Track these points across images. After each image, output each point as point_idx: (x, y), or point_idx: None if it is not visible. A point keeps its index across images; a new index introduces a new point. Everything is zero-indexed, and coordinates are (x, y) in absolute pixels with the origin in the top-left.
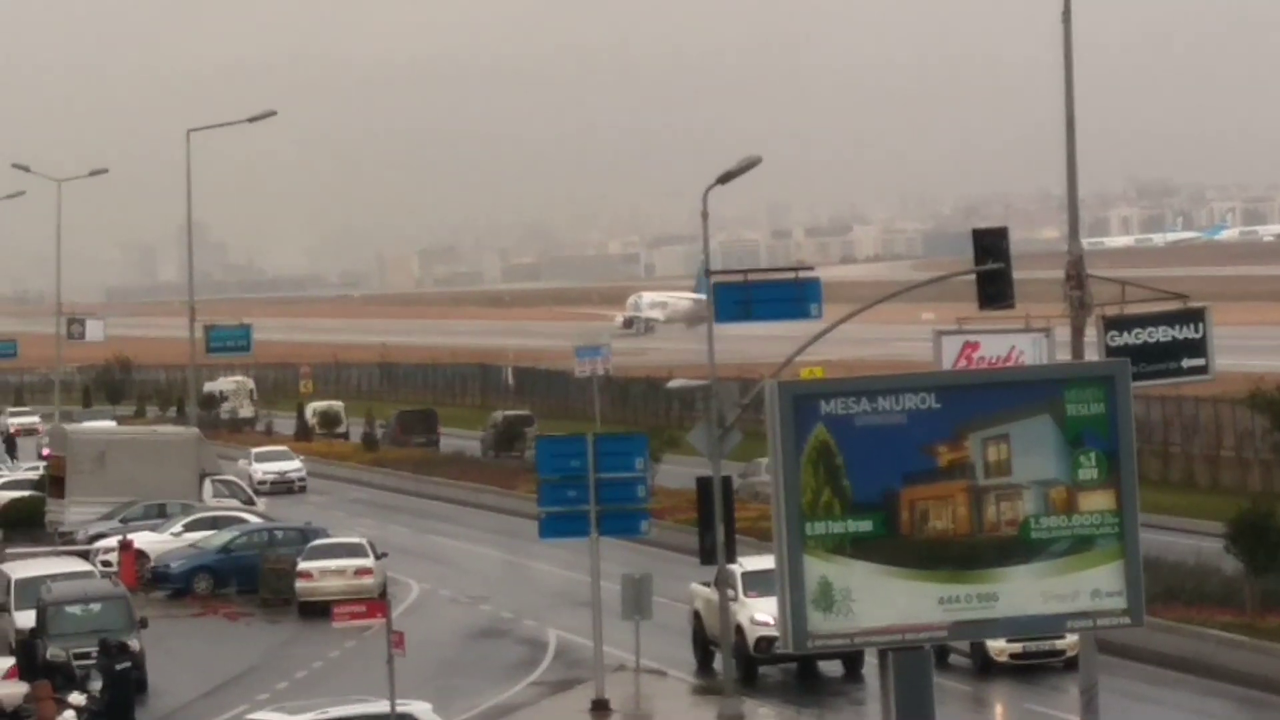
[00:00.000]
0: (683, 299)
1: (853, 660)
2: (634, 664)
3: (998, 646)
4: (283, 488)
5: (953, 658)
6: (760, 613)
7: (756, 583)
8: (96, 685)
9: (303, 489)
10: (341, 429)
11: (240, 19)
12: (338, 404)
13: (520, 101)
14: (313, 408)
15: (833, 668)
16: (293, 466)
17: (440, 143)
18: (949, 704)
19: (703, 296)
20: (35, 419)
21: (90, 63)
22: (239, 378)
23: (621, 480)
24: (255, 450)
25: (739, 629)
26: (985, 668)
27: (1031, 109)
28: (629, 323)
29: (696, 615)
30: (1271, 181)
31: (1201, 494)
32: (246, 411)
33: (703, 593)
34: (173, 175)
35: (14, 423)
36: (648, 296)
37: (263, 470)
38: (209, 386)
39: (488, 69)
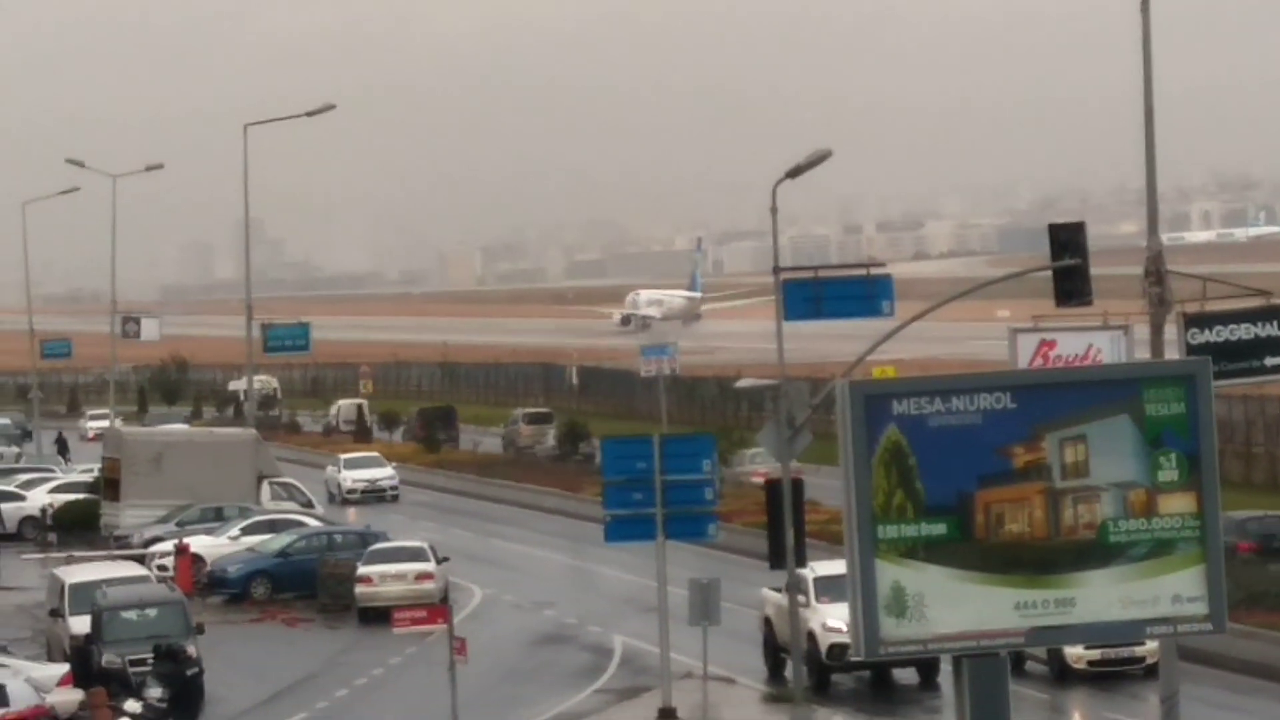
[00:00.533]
0: (677, 297)
1: (928, 668)
2: (701, 671)
3: (1075, 653)
4: (373, 496)
5: (1029, 665)
6: (833, 619)
7: (829, 588)
8: (155, 693)
9: (395, 498)
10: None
11: (298, 12)
12: (359, 402)
13: (582, 96)
14: (338, 405)
15: (908, 676)
16: (384, 474)
17: (502, 137)
18: (1025, 712)
19: (697, 294)
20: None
21: (145, 56)
22: (264, 377)
23: (688, 482)
24: (344, 456)
25: (811, 635)
26: (1063, 675)
27: (1109, 100)
28: (626, 320)
29: (767, 621)
30: None
31: None
32: (272, 409)
33: (774, 598)
34: (230, 171)
35: (93, 426)
36: (645, 294)
37: (352, 478)
38: (233, 385)
39: (550, 63)
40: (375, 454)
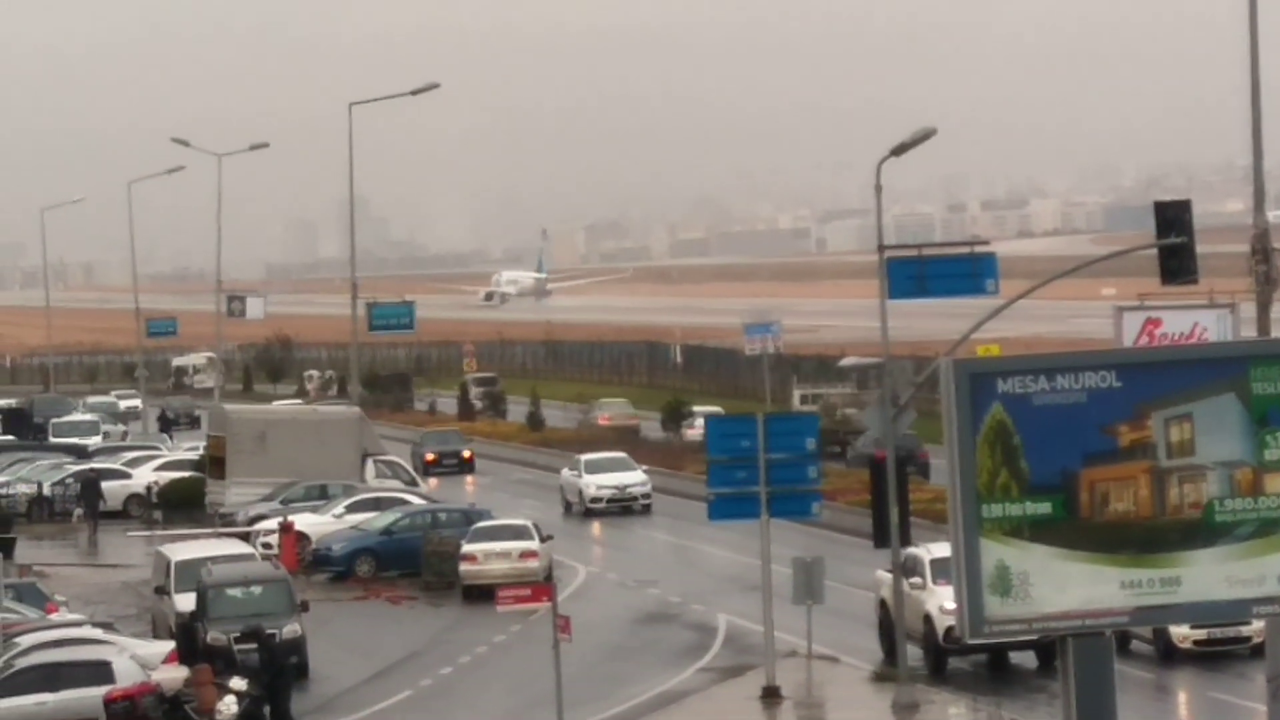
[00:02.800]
0: (529, 277)
1: (1046, 651)
2: (806, 650)
3: (1181, 633)
4: (618, 506)
5: (1134, 644)
6: (949, 601)
7: (945, 570)
8: (240, 684)
9: (647, 508)
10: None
11: None
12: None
13: (689, 72)
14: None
15: (1026, 659)
16: (635, 479)
17: (606, 114)
18: (1131, 692)
19: (544, 275)
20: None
21: (251, 35)
22: (209, 354)
23: (792, 461)
24: (585, 458)
25: (927, 618)
26: (1168, 655)
27: (1215, 75)
28: (489, 296)
29: (883, 604)
30: None
31: None
32: (211, 383)
33: (889, 580)
34: (334, 149)
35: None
36: (505, 274)
37: (596, 484)
38: (178, 361)
39: (654, 39)
40: (621, 454)
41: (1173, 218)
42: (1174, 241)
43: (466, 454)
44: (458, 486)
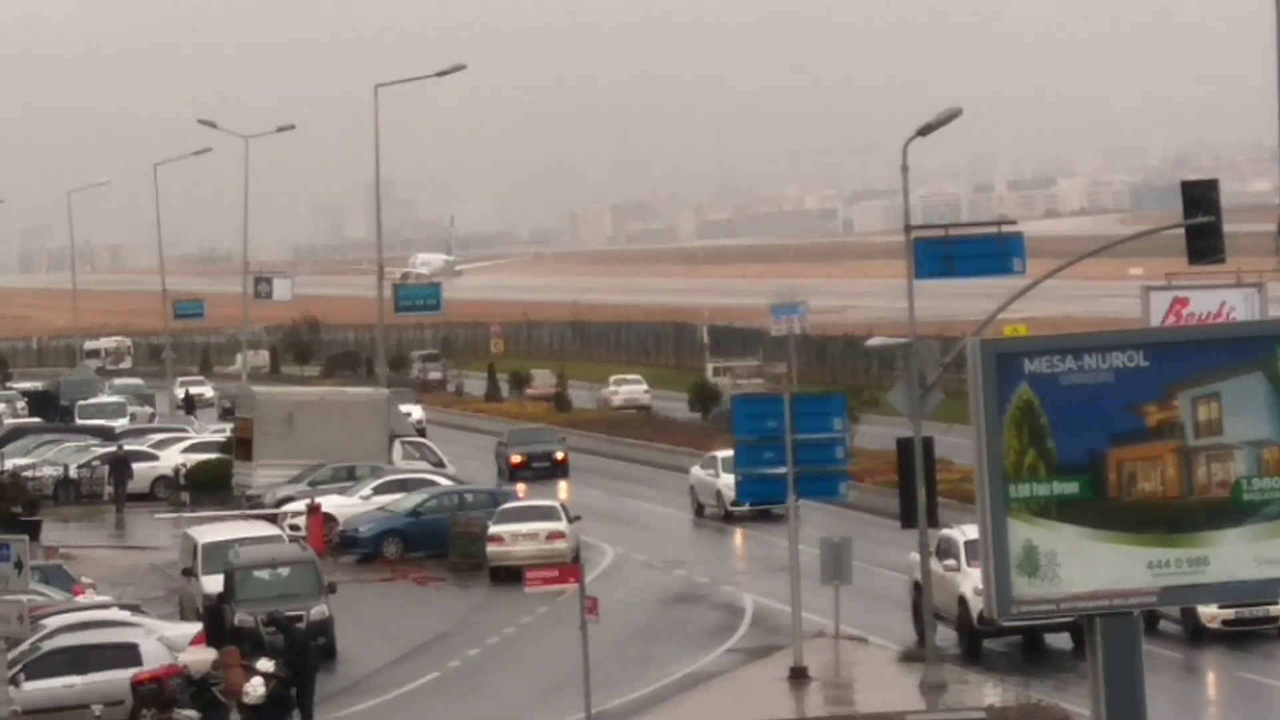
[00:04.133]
0: (440, 259)
1: (1081, 633)
2: (833, 630)
3: (1209, 613)
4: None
5: (1163, 624)
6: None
7: (979, 551)
8: (267, 665)
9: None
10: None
11: None
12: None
13: (715, 53)
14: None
15: (1061, 641)
16: None
17: (633, 95)
18: (1159, 671)
19: (452, 258)
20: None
21: (277, 17)
22: (118, 337)
23: (820, 441)
24: (722, 455)
25: (961, 600)
26: (1196, 635)
27: (1242, 55)
28: (405, 276)
29: (917, 586)
30: None
31: None
32: (125, 364)
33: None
34: (360, 131)
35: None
36: (420, 256)
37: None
38: (90, 344)
39: (681, 20)
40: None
41: (1200, 197)
42: (1201, 221)
43: (560, 455)
44: (550, 493)
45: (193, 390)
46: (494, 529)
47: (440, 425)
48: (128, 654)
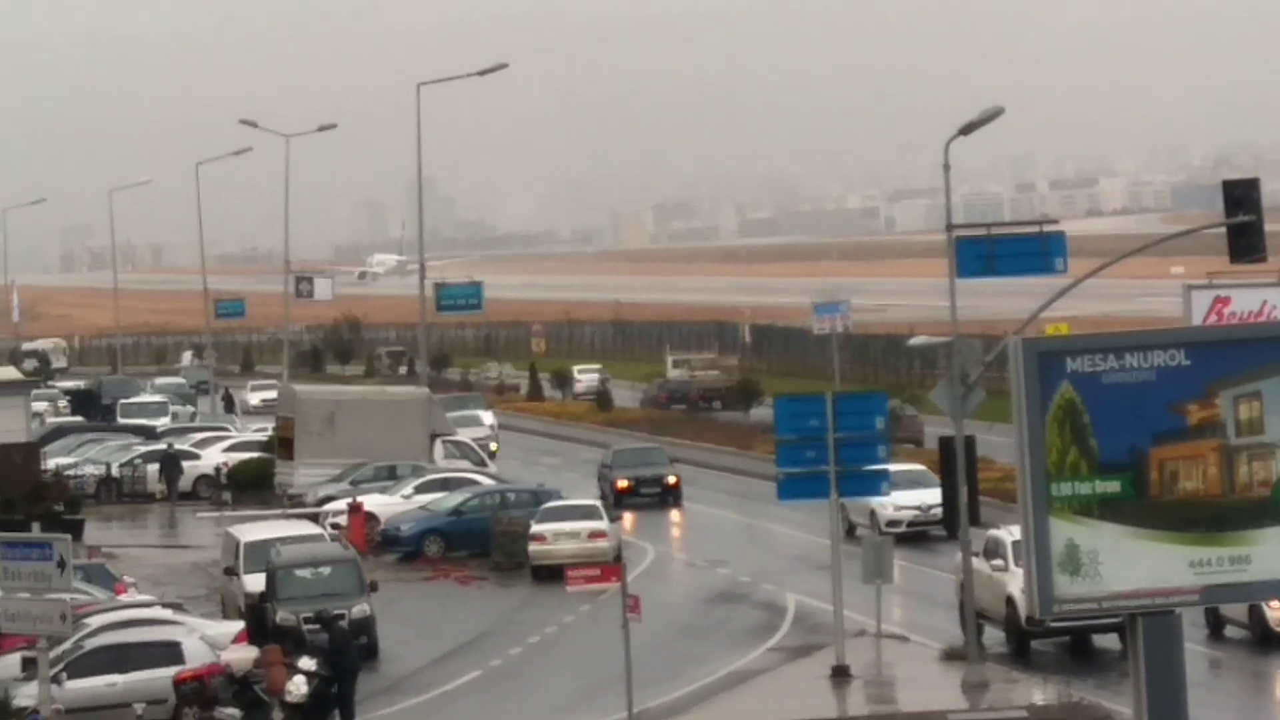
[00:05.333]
0: (393, 259)
1: None
2: (875, 629)
3: (1277, 616)
4: (918, 529)
5: (1229, 630)
6: None
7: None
8: (309, 664)
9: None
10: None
11: None
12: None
13: (757, 51)
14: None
15: (1109, 641)
16: (935, 497)
17: (674, 94)
18: (1227, 677)
19: (405, 258)
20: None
21: (318, 17)
22: (56, 339)
23: (861, 439)
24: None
25: (1009, 600)
26: (1265, 639)
27: None
28: (362, 275)
29: (964, 587)
30: None
31: None
32: (60, 364)
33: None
34: (402, 130)
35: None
36: (376, 256)
37: (895, 504)
38: (27, 346)
39: (723, 18)
40: (920, 467)
41: (1241, 196)
42: (1242, 220)
43: (671, 479)
44: (660, 525)
45: (265, 396)
46: (536, 528)
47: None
48: (170, 652)
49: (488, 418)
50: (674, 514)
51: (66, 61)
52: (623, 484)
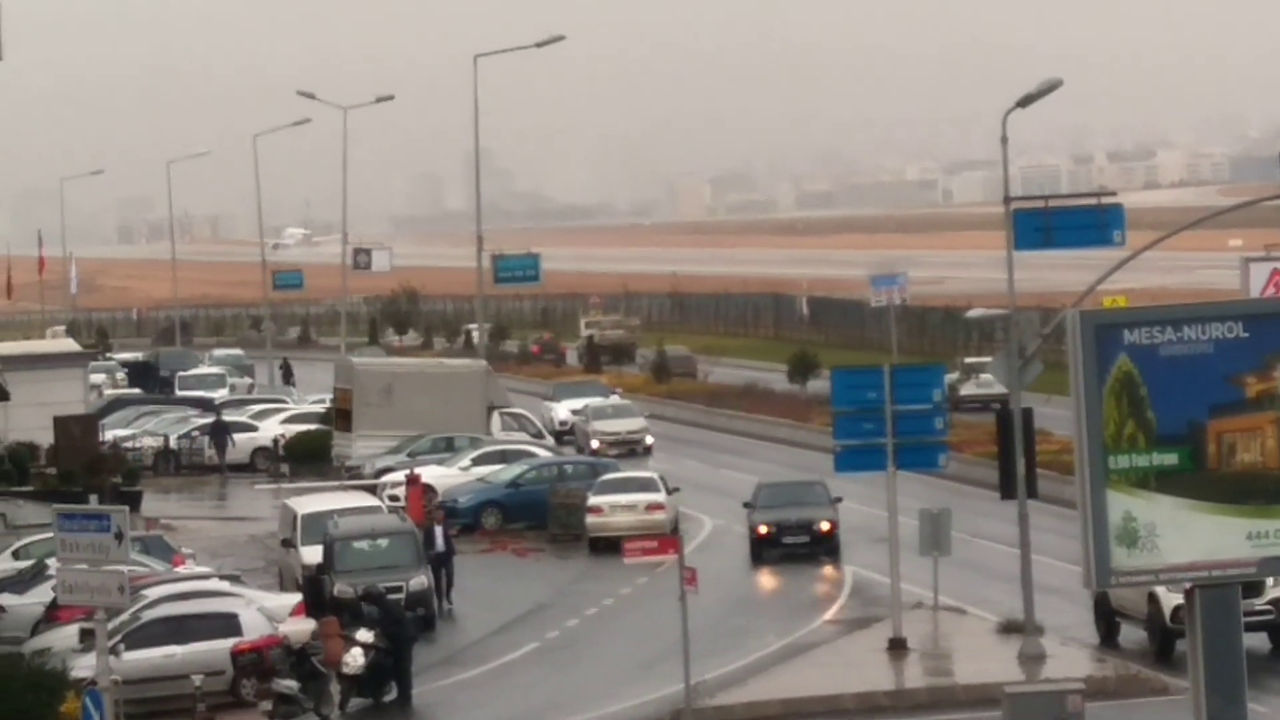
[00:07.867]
0: (300, 232)
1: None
2: (932, 602)
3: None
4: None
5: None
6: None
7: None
8: (366, 636)
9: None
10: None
11: None
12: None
13: (814, 22)
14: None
15: (1257, 642)
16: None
17: (731, 66)
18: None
19: (309, 232)
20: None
21: None
22: (58, 327)
23: (919, 412)
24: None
25: (1152, 597)
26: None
27: None
28: (275, 246)
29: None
30: None
31: None
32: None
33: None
34: (459, 102)
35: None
36: (289, 230)
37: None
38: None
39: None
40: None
41: None
42: None
43: (824, 526)
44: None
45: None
46: (593, 500)
47: (536, 397)
48: (228, 624)
49: (636, 410)
50: (827, 569)
51: (120, 33)
52: (763, 530)
